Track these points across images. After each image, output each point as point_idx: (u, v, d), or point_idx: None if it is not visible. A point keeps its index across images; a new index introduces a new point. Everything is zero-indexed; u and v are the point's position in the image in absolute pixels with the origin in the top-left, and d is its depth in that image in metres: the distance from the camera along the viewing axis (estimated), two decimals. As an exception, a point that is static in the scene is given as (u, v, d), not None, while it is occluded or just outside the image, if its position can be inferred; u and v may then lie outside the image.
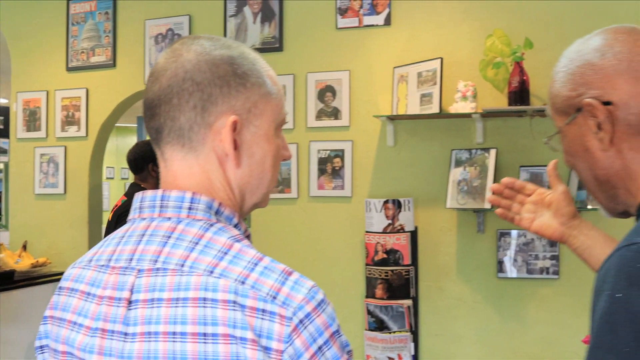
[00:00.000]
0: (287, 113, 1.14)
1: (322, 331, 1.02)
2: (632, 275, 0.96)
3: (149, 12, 4.88)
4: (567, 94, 1.24)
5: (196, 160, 1.14)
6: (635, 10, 3.86)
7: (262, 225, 4.52)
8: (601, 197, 1.27)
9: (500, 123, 4.02)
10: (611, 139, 1.18)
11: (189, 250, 1.06)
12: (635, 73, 1.16)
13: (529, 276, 3.98)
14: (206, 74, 1.12)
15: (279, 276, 1.04)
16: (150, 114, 1.14)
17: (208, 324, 1.00)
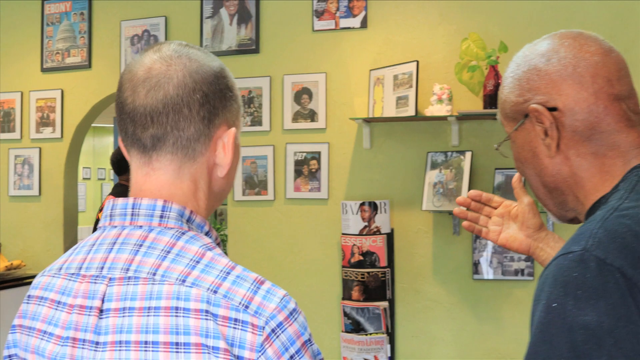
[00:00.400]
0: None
1: (294, 340, 1.03)
2: (568, 285, 0.95)
3: (125, 13, 4.86)
4: (514, 100, 1.22)
5: (189, 171, 1.15)
6: (606, 13, 3.90)
7: (238, 227, 4.51)
8: (550, 204, 1.26)
9: (475, 126, 4.05)
10: (558, 146, 1.17)
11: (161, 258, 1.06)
12: (580, 78, 1.15)
13: (504, 278, 4.00)
14: (212, 86, 1.14)
15: (251, 285, 1.04)
16: (147, 122, 1.11)
17: (180, 334, 1.00)
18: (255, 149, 4.46)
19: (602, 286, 0.93)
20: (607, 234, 0.98)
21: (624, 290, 0.92)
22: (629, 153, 1.13)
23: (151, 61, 1.13)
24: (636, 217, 1.00)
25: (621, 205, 1.04)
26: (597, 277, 0.93)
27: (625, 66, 1.19)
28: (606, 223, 1.00)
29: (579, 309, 0.93)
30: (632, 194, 1.06)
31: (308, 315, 4.27)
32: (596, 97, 1.14)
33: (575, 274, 0.95)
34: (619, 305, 0.91)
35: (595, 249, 0.96)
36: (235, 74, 4.47)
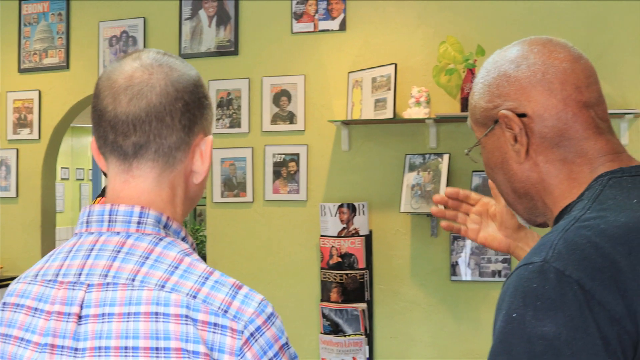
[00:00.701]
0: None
1: (272, 344, 1.05)
2: (528, 296, 0.96)
3: (103, 14, 4.84)
4: (484, 105, 1.22)
5: (168, 178, 1.16)
6: (582, 17, 3.94)
7: (217, 229, 4.51)
8: (520, 209, 1.26)
9: (453, 128, 4.07)
10: (527, 152, 1.17)
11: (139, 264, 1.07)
12: (550, 85, 1.15)
13: (482, 279, 4.03)
14: (192, 95, 1.16)
15: (230, 290, 1.06)
16: (129, 130, 1.12)
17: (160, 339, 1.02)
18: (234, 151, 4.46)
19: (560, 298, 0.94)
20: (567, 246, 0.98)
21: (581, 302, 0.93)
22: (597, 160, 1.14)
23: (132, 69, 1.13)
24: (596, 228, 1.00)
25: (583, 216, 1.04)
26: (556, 288, 0.94)
27: (594, 73, 1.19)
28: (566, 234, 1.01)
29: (537, 320, 0.94)
30: (595, 204, 1.06)
31: (287, 316, 4.28)
32: (565, 104, 1.14)
33: (535, 285, 0.96)
34: (577, 317, 0.92)
35: (555, 260, 0.97)
36: (214, 75, 4.50)
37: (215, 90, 4.49)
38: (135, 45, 4.68)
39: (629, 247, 0.97)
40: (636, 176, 1.11)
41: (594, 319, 0.92)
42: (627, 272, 0.95)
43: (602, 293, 0.93)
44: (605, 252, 0.96)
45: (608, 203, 1.06)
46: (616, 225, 1.00)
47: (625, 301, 0.93)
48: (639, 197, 1.06)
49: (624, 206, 1.04)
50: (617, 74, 3.88)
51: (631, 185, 1.09)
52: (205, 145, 1.18)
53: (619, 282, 0.94)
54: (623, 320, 0.92)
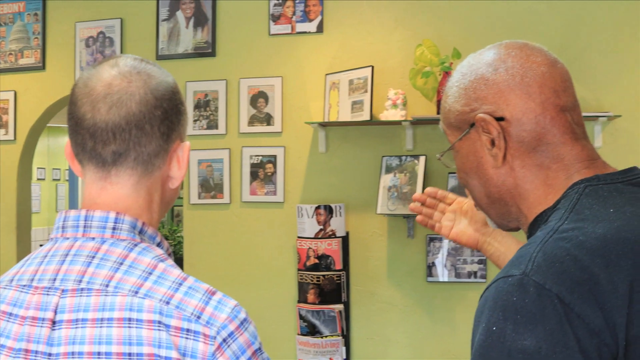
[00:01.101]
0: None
1: (244, 349, 1.06)
2: (507, 309, 0.96)
3: (80, 14, 4.80)
4: (460, 109, 1.21)
5: (146, 184, 1.17)
6: (557, 22, 3.98)
7: (194, 230, 4.50)
8: (493, 214, 1.26)
9: (429, 130, 4.09)
10: (504, 156, 1.16)
11: (113, 270, 1.08)
12: (528, 88, 1.13)
13: (458, 280, 4.06)
14: (171, 103, 1.18)
15: (203, 296, 1.07)
16: (109, 138, 1.13)
17: (133, 344, 1.02)
18: (211, 152, 4.45)
19: (540, 311, 0.94)
20: (546, 258, 0.98)
21: (561, 316, 0.93)
22: (572, 167, 1.13)
23: (110, 77, 1.14)
24: (575, 240, 1.00)
25: (561, 227, 1.03)
26: (536, 302, 0.94)
27: (569, 78, 1.18)
28: (545, 246, 1.00)
29: (517, 334, 0.94)
30: (572, 214, 1.05)
31: (264, 318, 4.28)
32: (543, 108, 1.13)
33: (515, 299, 0.96)
34: (557, 330, 0.92)
35: (534, 273, 0.96)
36: (192, 77, 4.49)
37: (193, 91, 4.48)
38: (112, 47, 4.66)
39: (607, 259, 0.97)
40: (611, 184, 1.10)
41: (574, 333, 0.92)
42: (606, 284, 0.94)
43: (581, 306, 0.93)
44: (584, 264, 0.96)
45: (585, 213, 1.05)
46: (594, 237, 0.99)
47: (604, 314, 0.93)
48: (615, 206, 1.06)
49: (601, 216, 1.04)
50: (592, 77, 3.93)
51: (607, 193, 1.08)
52: (183, 151, 1.20)
53: (597, 294, 0.94)
54: (602, 333, 0.92)
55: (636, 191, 1.10)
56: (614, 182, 1.10)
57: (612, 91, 3.92)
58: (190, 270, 4.45)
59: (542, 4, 4.01)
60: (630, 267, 0.97)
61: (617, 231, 1.00)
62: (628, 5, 3.94)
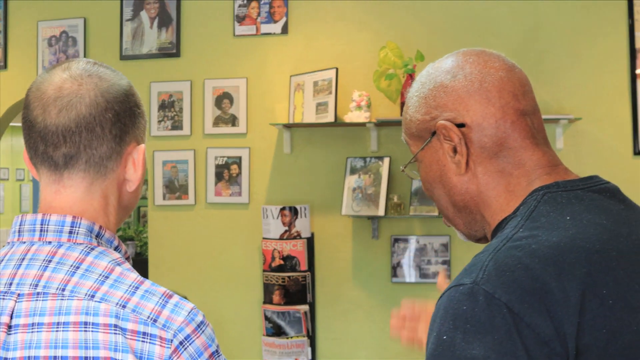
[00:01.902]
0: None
1: (201, 352, 1.06)
2: (458, 318, 0.95)
3: (42, 13, 4.75)
4: (421, 118, 1.20)
5: (100, 187, 1.17)
6: (518, 26, 4.03)
7: (159, 232, 4.48)
8: (460, 224, 1.23)
9: (393, 132, 4.12)
10: (467, 163, 1.15)
11: (70, 274, 1.07)
12: (487, 93, 1.13)
13: (423, 280, 4.09)
14: (123, 105, 1.17)
15: (160, 299, 1.07)
16: (59, 141, 1.13)
17: (89, 348, 1.02)
18: (175, 153, 4.43)
19: (489, 321, 0.93)
20: (497, 267, 0.97)
21: (510, 326, 0.92)
22: (533, 173, 1.12)
23: (61, 80, 1.14)
24: (527, 248, 0.99)
25: (515, 235, 1.02)
26: (485, 311, 0.94)
27: (528, 82, 1.18)
28: (497, 255, 0.99)
29: (467, 343, 0.93)
30: (528, 222, 1.05)
31: (229, 319, 4.28)
32: (503, 112, 1.13)
33: (465, 308, 0.95)
34: (505, 340, 0.92)
35: (485, 282, 0.96)
36: (156, 77, 4.46)
37: (157, 92, 4.46)
38: (75, 46, 4.61)
39: (559, 268, 0.96)
40: (571, 191, 1.09)
41: (523, 343, 0.91)
42: (557, 293, 0.94)
43: (531, 316, 0.92)
44: (535, 273, 0.95)
45: (541, 221, 1.04)
46: (547, 245, 0.99)
47: (555, 323, 0.93)
48: (572, 213, 1.05)
49: (556, 224, 1.03)
50: (553, 80, 3.98)
51: (565, 201, 1.07)
52: (138, 153, 1.20)
53: (548, 304, 0.93)
54: (552, 343, 0.92)
55: (596, 198, 1.09)
56: (574, 189, 1.10)
57: (573, 94, 3.98)
58: (156, 271, 4.43)
59: (504, 8, 4.05)
60: (583, 275, 0.96)
61: (572, 239, 1.00)
62: (588, 8, 4.00)
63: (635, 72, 3.95)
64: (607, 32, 4.00)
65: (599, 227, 1.03)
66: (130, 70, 4.49)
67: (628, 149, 3.95)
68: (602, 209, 1.08)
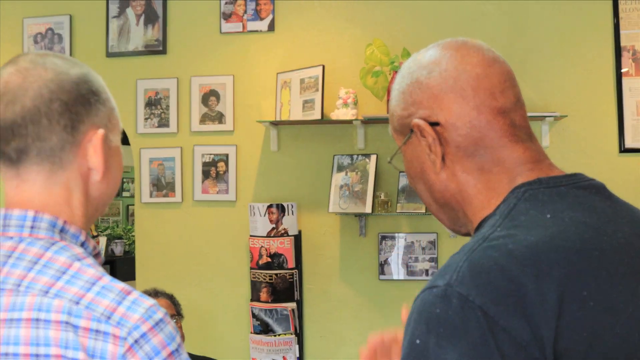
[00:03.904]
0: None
1: (159, 351, 1.03)
2: (431, 322, 0.93)
3: (28, 10, 4.72)
4: (400, 113, 1.18)
5: (60, 179, 1.15)
6: (505, 22, 4.03)
7: (146, 229, 4.46)
8: (444, 219, 1.21)
9: (380, 129, 4.12)
10: (444, 161, 1.12)
11: (27, 269, 1.06)
12: (462, 92, 1.10)
13: (410, 278, 4.09)
14: (71, 94, 1.14)
15: (116, 296, 1.05)
16: (9, 135, 1.12)
17: (40, 345, 1.01)
18: (162, 151, 4.42)
19: (463, 325, 0.90)
20: (472, 269, 0.94)
21: (484, 329, 0.89)
22: (515, 170, 1.09)
23: (8, 74, 1.14)
24: (504, 248, 0.95)
25: (492, 235, 0.99)
26: (459, 314, 0.91)
27: (510, 77, 1.14)
28: (473, 255, 0.96)
29: (440, 347, 0.91)
30: (506, 221, 1.01)
31: (216, 316, 4.28)
32: (478, 111, 1.09)
33: (438, 311, 0.93)
34: (479, 344, 0.89)
35: (459, 284, 0.93)
36: (142, 74, 4.45)
37: (144, 89, 4.44)
38: (61, 43, 4.59)
39: (537, 269, 0.93)
40: (554, 187, 1.06)
41: (498, 347, 0.89)
42: (534, 295, 0.91)
43: (506, 319, 0.89)
44: (511, 275, 0.92)
45: (520, 219, 1.01)
46: (525, 245, 0.95)
47: (532, 326, 0.89)
48: (553, 211, 1.02)
49: (536, 222, 1.00)
50: (539, 78, 3.99)
51: (547, 198, 1.04)
52: (95, 139, 1.17)
53: (525, 306, 0.90)
54: (529, 347, 0.89)
55: (580, 195, 1.06)
56: (557, 185, 1.06)
57: (558, 91, 3.99)
58: (142, 269, 4.42)
59: (490, 5, 4.06)
60: (562, 277, 0.93)
61: (551, 238, 0.97)
62: (574, 6, 4.01)
63: (620, 70, 3.96)
64: (592, 30, 4.01)
65: (581, 225, 1.00)
66: (117, 67, 4.48)
67: (614, 146, 3.96)
68: (586, 206, 1.04)
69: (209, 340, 4.24)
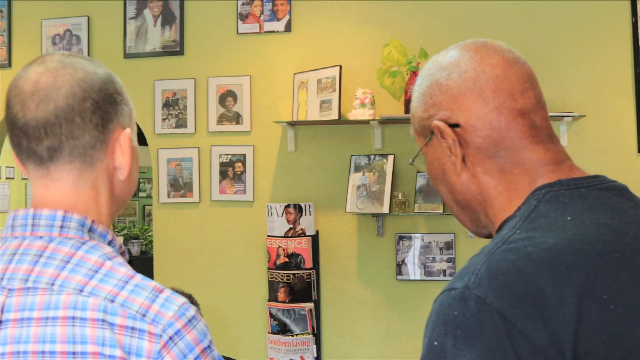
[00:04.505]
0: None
1: (192, 347, 1.06)
2: (448, 324, 0.93)
3: (46, 11, 4.75)
4: (420, 115, 1.17)
5: (89, 178, 1.17)
6: (523, 22, 4.02)
7: (163, 230, 4.48)
8: (466, 221, 1.20)
9: (397, 130, 4.11)
10: (464, 162, 1.12)
11: (59, 268, 1.07)
12: (481, 93, 1.09)
13: (427, 278, 4.09)
14: (101, 93, 1.16)
15: (150, 294, 1.07)
16: (41, 134, 1.12)
17: (77, 343, 1.02)
18: (180, 151, 4.43)
19: (480, 327, 0.90)
20: (490, 271, 0.94)
21: (501, 332, 0.89)
22: (535, 171, 1.08)
23: (37, 74, 1.14)
24: (523, 251, 0.95)
25: (511, 237, 0.98)
26: (476, 317, 0.90)
27: (530, 78, 1.13)
28: (491, 258, 0.96)
29: (457, 349, 0.90)
30: (526, 223, 1.00)
31: (234, 316, 4.29)
32: (498, 113, 1.08)
33: (456, 313, 0.92)
34: (496, 347, 0.89)
35: (476, 287, 0.93)
36: (160, 75, 4.47)
37: (161, 90, 4.46)
38: (79, 44, 4.62)
39: (556, 272, 0.92)
40: (575, 189, 1.04)
41: (514, 350, 0.88)
42: (552, 299, 0.90)
43: (524, 322, 0.89)
44: (529, 278, 0.92)
45: (540, 221, 1.00)
46: (544, 248, 0.94)
47: (550, 330, 0.89)
48: (574, 213, 1.00)
49: (556, 225, 0.99)
50: (557, 77, 3.97)
51: (568, 200, 1.03)
52: (124, 138, 1.19)
53: (543, 310, 0.90)
54: (547, 351, 0.88)
55: (602, 196, 1.04)
56: (578, 187, 1.05)
57: (577, 91, 3.97)
58: (161, 269, 4.44)
59: (508, 5, 4.04)
60: (581, 279, 0.92)
61: (571, 241, 0.96)
62: (592, 5, 3.98)
63: (639, 70, 3.93)
64: (611, 29, 3.98)
65: (602, 227, 0.99)
66: (134, 68, 4.50)
67: (632, 146, 3.94)
68: (608, 207, 1.03)
69: (226, 340, 4.25)
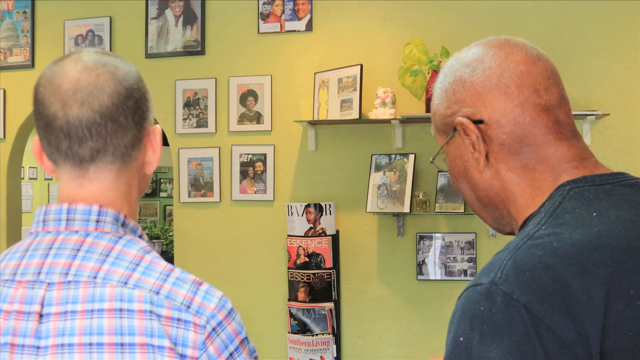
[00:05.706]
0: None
1: (232, 338, 1.08)
2: (475, 319, 0.92)
3: (69, 12, 4.79)
4: (443, 112, 1.17)
5: (125, 175, 1.18)
6: (545, 20, 3.99)
7: (185, 228, 4.50)
8: (487, 219, 1.20)
9: (418, 129, 4.10)
10: (487, 159, 1.11)
11: (100, 262, 1.08)
12: (506, 89, 1.09)
13: (448, 278, 4.07)
14: (140, 92, 1.17)
15: (191, 286, 1.09)
16: (85, 135, 1.11)
17: (125, 334, 1.03)
18: (200, 151, 4.45)
19: (507, 322, 0.90)
20: (516, 267, 0.93)
21: (528, 327, 0.89)
22: (559, 167, 1.08)
23: (76, 72, 1.12)
24: (549, 246, 0.94)
25: (536, 233, 0.98)
26: (503, 312, 0.90)
27: (554, 74, 1.12)
28: (517, 253, 0.96)
29: (484, 345, 0.90)
30: (551, 219, 1.00)
31: (254, 316, 4.29)
32: (522, 109, 1.08)
33: (482, 308, 0.92)
34: (523, 343, 0.88)
35: (503, 282, 0.92)
36: (181, 75, 4.48)
37: (182, 90, 4.48)
38: (102, 45, 4.65)
39: (582, 268, 0.92)
40: (600, 185, 1.04)
41: (542, 345, 0.88)
42: (579, 294, 0.90)
43: (551, 318, 0.89)
44: (556, 273, 0.91)
45: (565, 217, 0.99)
46: (570, 244, 0.94)
47: (577, 326, 0.89)
48: (599, 209, 1.00)
49: (581, 221, 0.98)
50: (580, 75, 3.94)
51: (593, 196, 1.02)
52: (155, 135, 1.21)
53: (570, 305, 0.89)
54: (574, 347, 0.88)
55: (627, 192, 1.04)
56: (603, 183, 1.04)
57: (600, 89, 3.93)
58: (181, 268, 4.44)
59: (531, 4, 4.01)
60: (608, 275, 0.92)
61: (597, 237, 0.95)
62: (615, 3, 3.95)
63: (664, 67, 3.89)
64: (634, 27, 3.94)
65: (627, 223, 0.98)
66: (156, 68, 4.52)
67: (657, 145, 3.90)
68: (633, 204, 1.02)
69: (247, 339, 4.25)
